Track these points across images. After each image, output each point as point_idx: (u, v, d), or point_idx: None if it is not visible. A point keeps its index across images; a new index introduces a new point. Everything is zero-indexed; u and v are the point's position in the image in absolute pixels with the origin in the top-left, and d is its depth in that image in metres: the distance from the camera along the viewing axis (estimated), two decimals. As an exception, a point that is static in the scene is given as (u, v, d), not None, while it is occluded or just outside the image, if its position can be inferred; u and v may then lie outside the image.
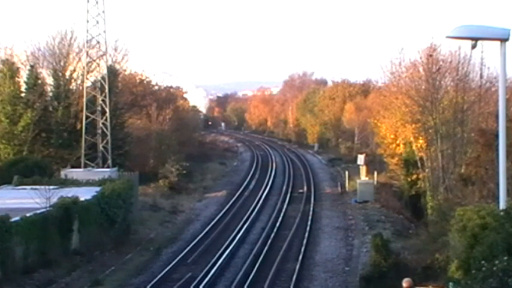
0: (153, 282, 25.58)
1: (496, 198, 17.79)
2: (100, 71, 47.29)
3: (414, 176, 42.57)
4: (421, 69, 40.04)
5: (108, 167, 44.09)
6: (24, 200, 28.82)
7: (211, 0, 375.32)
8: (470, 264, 15.34)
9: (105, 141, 45.54)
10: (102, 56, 46.80)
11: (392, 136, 46.10)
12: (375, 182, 50.07)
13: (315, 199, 47.51)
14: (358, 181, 48.58)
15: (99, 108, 45.68)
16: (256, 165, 71.37)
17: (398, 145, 45.89)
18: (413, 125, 40.27)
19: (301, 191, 51.87)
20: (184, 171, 54.51)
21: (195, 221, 40.44)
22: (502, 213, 15.80)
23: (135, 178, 40.15)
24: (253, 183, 57.33)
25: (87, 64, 46.35)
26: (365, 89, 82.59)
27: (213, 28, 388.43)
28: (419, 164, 40.86)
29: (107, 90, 45.48)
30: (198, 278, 25.80)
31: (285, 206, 44.07)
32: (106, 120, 45.50)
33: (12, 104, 45.31)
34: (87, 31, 45.78)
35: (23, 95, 46.88)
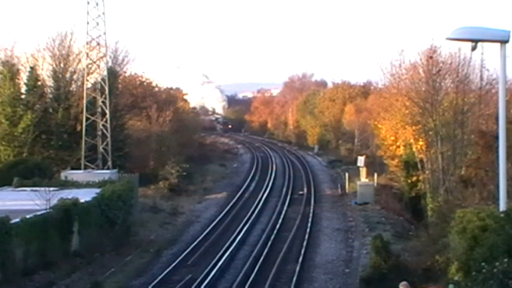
0: (153, 284, 25.60)
1: (496, 200, 17.80)
2: (100, 72, 47.26)
3: (414, 178, 42.54)
4: (421, 71, 40.04)
5: (108, 168, 44.07)
6: (24, 201, 28.80)
7: (211, 2, 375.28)
8: (471, 266, 15.34)
9: (105, 143, 45.51)
10: (102, 57, 46.79)
11: (392, 138, 46.08)
12: (375, 184, 50.04)
13: (315, 201, 47.48)
14: (358, 183, 48.56)
15: (99, 109, 45.65)
16: (256, 166, 71.35)
17: (398, 147, 45.87)
18: (414, 127, 40.25)
19: (301, 192, 51.84)
20: (185, 173, 54.48)
21: (195, 223, 40.43)
22: (502, 215, 15.80)
23: (135, 180, 40.14)
24: (253, 184, 57.30)
25: (87, 66, 46.33)
26: (365, 91, 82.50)
27: (213, 30, 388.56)
28: (419, 166, 40.84)
29: (107, 92, 45.46)
30: (198, 280, 25.80)
31: (285, 208, 44.05)
32: (106, 121, 45.48)
33: (12, 106, 45.31)
34: (87, 33, 45.76)
35: (23, 96, 46.87)
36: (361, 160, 51.51)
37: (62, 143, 47.14)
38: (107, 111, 45.33)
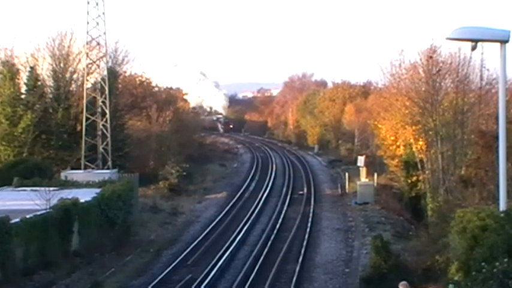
0: (153, 284, 25.61)
1: (496, 200, 17.80)
2: (100, 72, 47.28)
3: (414, 178, 42.52)
4: (421, 70, 40.02)
5: (108, 168, 44.07)
6: (24, 201, 28.80)
7: (211, 2, 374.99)
8: (470, 265, 15.34)
9: (105, 143, 45.52)
10: (102, 57, 46.80)
11: (392, 138, 46.05)
12: (375, 184, 50.03)
13: (315, 201, 47.48)
14: (358, 183, 48.55)
15: (99, 109, 45.66)
16: (256, 166, 71.33)
17: (398, 147, 45.84)
18: (414, 127, 40.25)
19: (301, 192, 51.83)
20: (185, 173, 54.49)
21: (195, 223, 40.44)
22: (502, 214, 15.80)
23: (135, 179, 40.13)
24: (253, 184, 57.29)
25: (87, 66, 46.34)
26: (365, 91, 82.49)
27: (213, 30, 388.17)
28: (419, 166, 40.83)
29: (107, 92, 45.47)
30: (198, 280, 25.80)
31: (285, 208, 44.04)
32: (106, 121, 45.49)
33: (12, 106, 45.30)
34: (87, 32, 45.77)
35: (23, 96, 46.87)
36: (361, 160, 51.50)
37: (62, 143, 47.14)
38: (107, 111, 45.34)
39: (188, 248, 32.36)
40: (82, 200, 30.04)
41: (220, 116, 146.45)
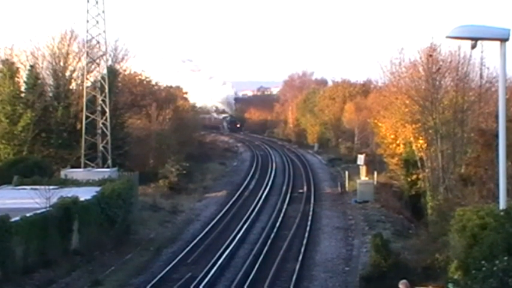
0: (153, 282, 25.58)
1: (496, 198, 17.80)
2: (100, 71, 47.30)
3: (414, 176, 42.54)
4: (421, 69, 40.03)
5: (108, 167, 44.10)
6: (24, 200, 28.80)
7: (212, 0, 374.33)
8: (470, 264, 15.34)
9: (105, 141, 45.54)
10: (102, 56, 46.81)
11: (392, 136, 46.07)
12: (375, 182, 50.02)
13: (314, 199, 47.48)
14: (358, 181, 48.53)
15: (99, 108, 45.69)
16: (256, 165, 71.31)
17: (398, 145, 45.85)
18: (413, 125, 40.25)
19: (301, 191, 51.83)
20: (184, 171, 54.49)
21: (195, 221, 40.44)
22: (502, 213, 15.79)
23: (135, 178, 40.16)
24: (253, 183, 57.29)
25: (87, 64, 46.36)
26: (365, 89, 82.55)
27: (212, 28, 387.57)
28: (419, 164, 40.85)
29: (106, 90, 45.49)
30: (198, 278, 25.80)
31: (285, 206, 44.04)
32: (106, 120, 45.51)
33: (12, 104, 45.31)
34: (87, 31, 45.83)
35: (22, 95, 46.89)
36: (361, 158, 51.49)
37: (62, 142, 47.17)
38: (107, 110, 45.36)
39: (188, 246, 32.35)
40: (82, 199, 30.04)
41: (226, 115, 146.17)
